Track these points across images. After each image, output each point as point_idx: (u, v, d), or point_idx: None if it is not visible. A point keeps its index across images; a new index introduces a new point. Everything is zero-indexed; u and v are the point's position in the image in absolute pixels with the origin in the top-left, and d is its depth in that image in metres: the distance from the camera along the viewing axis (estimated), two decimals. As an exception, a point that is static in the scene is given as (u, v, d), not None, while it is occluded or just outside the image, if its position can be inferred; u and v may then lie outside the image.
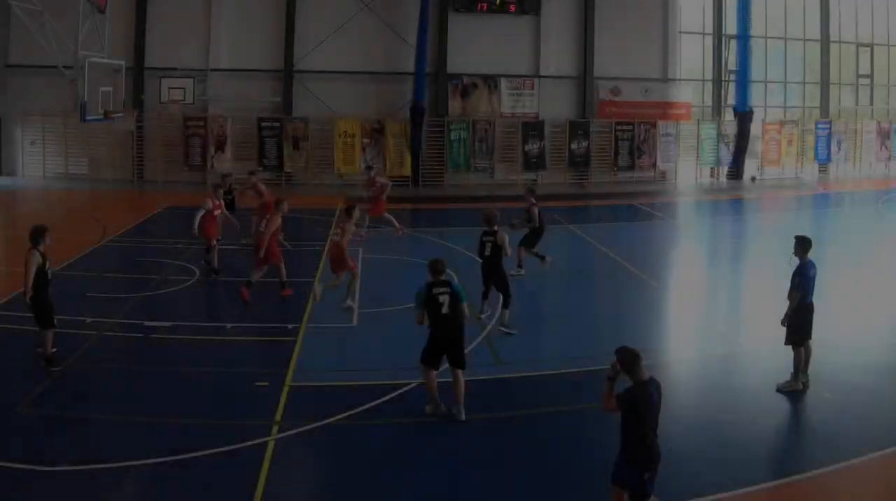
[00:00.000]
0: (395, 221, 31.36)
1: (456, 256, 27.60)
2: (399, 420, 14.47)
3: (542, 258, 25.48)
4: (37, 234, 16.48)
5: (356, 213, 22.48)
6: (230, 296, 22.28)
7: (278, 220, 22.03)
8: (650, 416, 9.89)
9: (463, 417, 14.40)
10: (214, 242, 24.09)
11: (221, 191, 25.96)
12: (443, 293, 14.42)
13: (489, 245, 19.70)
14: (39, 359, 16.51)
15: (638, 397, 9.83)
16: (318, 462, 13.30)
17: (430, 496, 11.96)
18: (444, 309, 14.37)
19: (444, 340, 14.46)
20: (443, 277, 14.68)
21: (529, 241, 25.29)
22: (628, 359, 9.93)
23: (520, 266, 24.91)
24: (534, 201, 25.43)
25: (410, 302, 20.04)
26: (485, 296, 20.27)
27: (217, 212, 24.47)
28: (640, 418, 9.82)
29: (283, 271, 22.50)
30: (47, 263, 16.56)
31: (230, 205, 27.37)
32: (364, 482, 12.38)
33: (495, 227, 19.73)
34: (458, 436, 13.83)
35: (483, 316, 19.92)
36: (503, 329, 19.35)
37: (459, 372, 14.51)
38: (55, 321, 16.63)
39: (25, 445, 13.09)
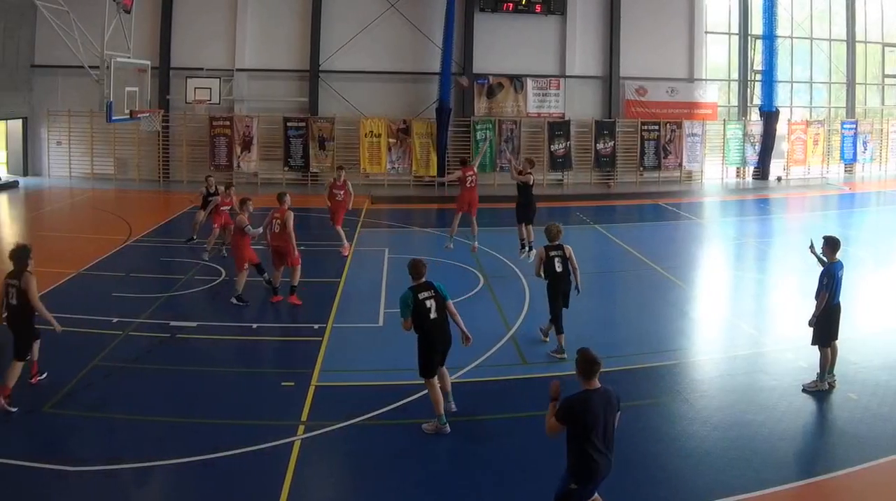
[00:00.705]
0: (345, 238, 28.85)
1: (481, 256, 27.69)
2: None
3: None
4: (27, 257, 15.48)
5: (287, 199, 22.25)
6: (256, 296, 22.14)
7: (244, 220, 21.54)
8: (590, 429, 9.41)
9: (454, 407, 14.62)
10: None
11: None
12: (429, 297, 14.01)
13: (558, 260, 18.21)
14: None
15: (575, 407, 9.45)
16: (344, 462, 13.25)
17: (456, 496, 11.89)
18: (433, 314, 13.98)
19: (440, 347, 14.20)
20: (425, 280, 14.23)
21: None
22: (583, 363, 9.66)
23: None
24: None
25: None
26: (554, 319, 18.30)
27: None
28: (579, 430, 9.43)
29: (243, 280, 21.85)
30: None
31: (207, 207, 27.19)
32: (389, 482, 12.33)
33: (559, 242, 18.37)
34: (483, 436, 13.81)
35: (561, 356, 17.87)
36: (543, 335, 18.81)
37: (443, 368, 14.58)
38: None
39: (51, 445, 13.17)
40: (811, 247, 16.70)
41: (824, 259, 15.94)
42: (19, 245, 15.72)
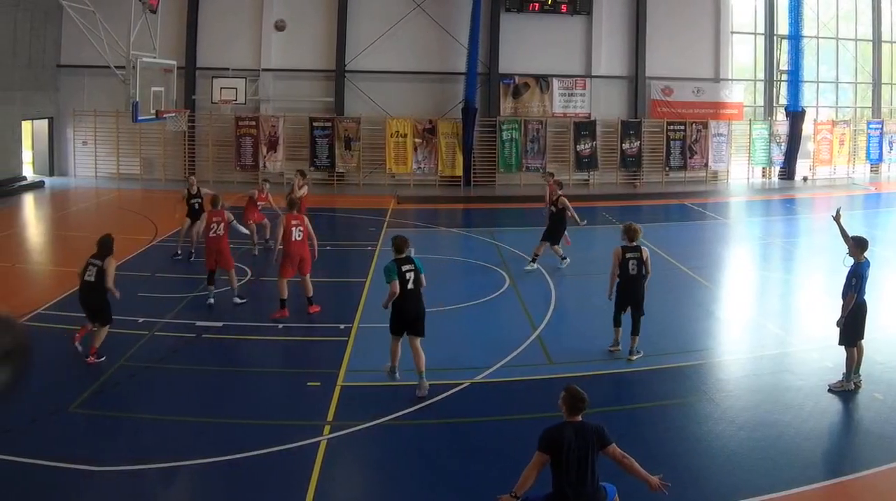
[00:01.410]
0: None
1: (507, 256, 27.68)
2: (451, 420, 14.37)
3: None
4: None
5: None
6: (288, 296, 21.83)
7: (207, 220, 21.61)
8: (561, 459, 9.42)
9: (426, 390, 15.35)
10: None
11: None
12: (409, 270, 15.66)
13: (633, 262, 17.58)
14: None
15: (551, 437, 9.53)
16: (370, 462, 13.21)
17: (482, 496, 11.62)
18: (410, 285, 15.61)
19: (410, 313, 15.64)
20: (405, 254, 15.85)
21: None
22: (569, 399, 9.75)
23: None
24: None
25: (462, 302, 20.58)
26: (618, 323, 18.10)
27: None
28: (556, 460, 9.45)
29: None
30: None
31: (196, 212, 26.43)
32: (415, 482, 12.29)
33: (636, 243, 17.79)
34: (510, 436, 13.61)
35: (616, 349, 18.04)
36: (632, 358, 17.57)
37: (418, 340, 15.69)
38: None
39: (77, 445, 13.04)
40: (837, 214, 16.57)
41: (847, 232, 15.93)
42: (107, 234, 17.65)
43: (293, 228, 20.24)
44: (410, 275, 15.63)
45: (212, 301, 21.46)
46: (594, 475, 9.55)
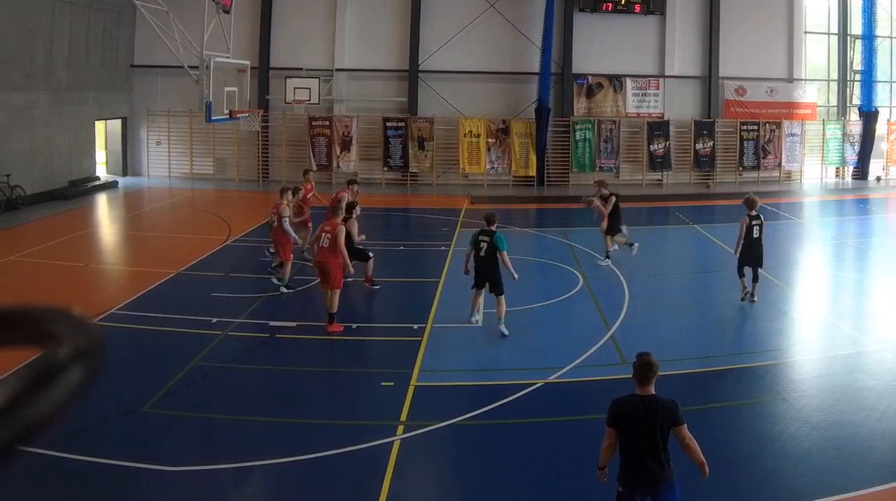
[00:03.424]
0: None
1: (580, 256, 27.46)
2: (524, 420, 14.32)
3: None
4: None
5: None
6: (355, 296, 21.90)
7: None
8: (629, 432, 9.31)
9: (506, 331, 18.43)
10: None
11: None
12: (484, 240, 18.58)
13: (757, 227, 21.56)
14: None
15: (617, 411, 9.40)
16: (443, 462, 13.27)
17: (557, 496, 11.74)
18: (482, 253, 18.59)
19: (480, 274, 18.83)
20: (489, 228, 18.71)
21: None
22: (638, 367, 9.54)
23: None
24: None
25: (536, 302, 21.30)
26: (742, 274, 21.71)
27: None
28: (623, 434, 9.36)
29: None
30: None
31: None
32: (489, 482, 12.20)
33: (756, 212, 21.70)
34: (584, 437, 13.29)
35: (746, 293, 21.65)
36: (755, 299, 21.63)
37: (499, 297, 18.73)
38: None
39: (150, 445, 13.05)
40: None
41: None
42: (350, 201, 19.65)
43: (323, 234, 19.51)
44: (484, 245, 18.46)
45: (275, 281, 22.53)
46: (665, 453, 9.26)
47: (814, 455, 12.76)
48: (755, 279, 21.46)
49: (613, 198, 26.08)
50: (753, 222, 21.46)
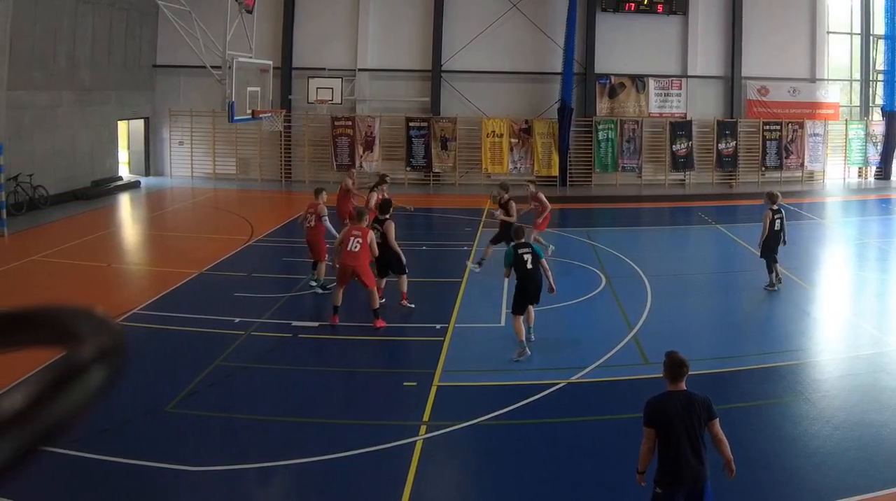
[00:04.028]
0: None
1: (603, 256, 27.32)
2: (547, 420, 14.25)
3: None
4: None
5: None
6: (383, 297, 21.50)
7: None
8: (668, 430, 9.24)
9: (534, 338, 17.72)
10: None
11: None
12: (526, 253, 17.27)
13: (779, 221, 22.74)
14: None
15: (654, 409, 9.38)
16: (466, 462, 13.19)
17: (579, 496, 11.74)
18: (529, 266, 17.19)
19: (531, 290, 17.31)
20: (524, 240, 17.73)
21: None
22: (670, 365, 9.63)
23: None
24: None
25: (558, 303, 20.17)
26: (768, 265, 22.92)
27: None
28: (660, 431, 9.29)
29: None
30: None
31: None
32: (512, 482, 12.14)
33: (777, 206, 22.86)
34: (606, 436, 13.68)
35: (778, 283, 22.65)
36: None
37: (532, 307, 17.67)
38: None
39: (173, 445, 13.02)
40: None
41: None
42: (384, 199, 19.19)
43: (351, 238, 19.11)
44: (528, 257, 17.11)
45: (312, 284, 22.37)
46: (704, 448, 9.29)
47: (837, 455, 12.72)
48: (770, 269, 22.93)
49: (512, 204, 25.03)
50: (776, 216, 22.72)
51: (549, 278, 17.38)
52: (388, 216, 20.77)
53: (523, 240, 17.66)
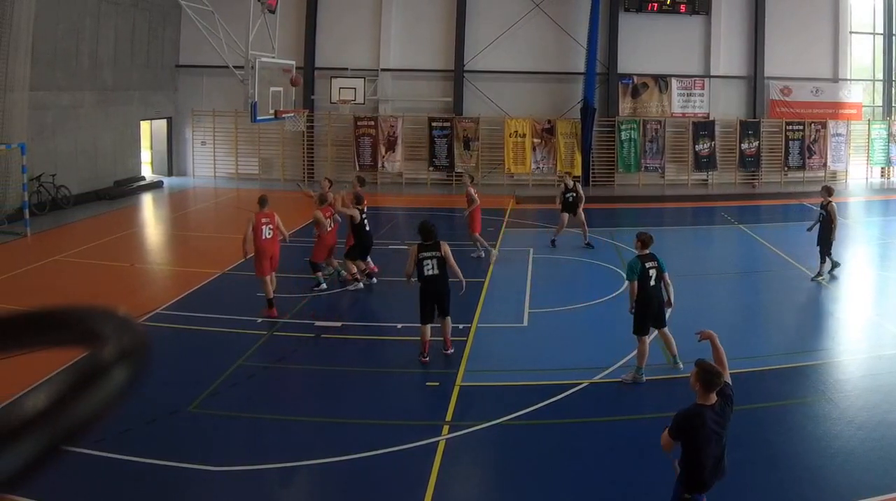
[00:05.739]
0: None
1: (626, 256, 26.12)
2: (569, 420, 14.08)
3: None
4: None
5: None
6: (400, 297, 21.14)
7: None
8: (702, 445, 8.90)
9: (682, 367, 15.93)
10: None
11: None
12: (652, 267, 15.62)
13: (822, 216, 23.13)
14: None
15: (685, 425, 8.96)
16: (489, 462, 13.06)
17: (602, 496, 11.62)
18: (652, 282, 15.60)
19: (654, 307, 15.70)
20: (649, 251, 15.79)
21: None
22: (704, 375, 9.05)
23: None
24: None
25: (579, 302, 20.92)
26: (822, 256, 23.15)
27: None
28: (691, 445, 8.97)
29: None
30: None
31: (571, 206, 28.18)
32: (534, 482, 11.97)
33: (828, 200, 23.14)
34: (628, 436, 13.49)
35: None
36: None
37: (665, 329, 16.13)
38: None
39: (195, 445, 12.94)
40: None
41: None
42: (427, 223, 17.52)
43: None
44: (653, 272, 15.58)
45: (324, 285, 22.27)
46: (724, 448, 9.15)
47: (859, 454, 12.59)
48: (822, 260, 23.30)
49: (359, 213, 22.68)
50: (821, 210, 23.26)
51: (670, 292, 16.01)
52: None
53: (649, 252, 15.80)
